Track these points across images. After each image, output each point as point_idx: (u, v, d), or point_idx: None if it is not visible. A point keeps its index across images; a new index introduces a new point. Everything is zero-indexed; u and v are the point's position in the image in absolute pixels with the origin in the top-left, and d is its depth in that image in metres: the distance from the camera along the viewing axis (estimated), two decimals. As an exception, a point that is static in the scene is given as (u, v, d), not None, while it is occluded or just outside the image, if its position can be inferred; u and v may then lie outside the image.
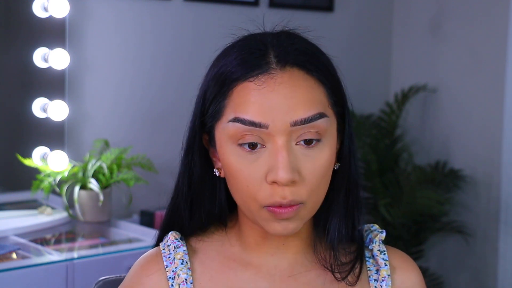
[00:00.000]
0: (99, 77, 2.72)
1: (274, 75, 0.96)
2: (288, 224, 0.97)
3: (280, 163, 0.94)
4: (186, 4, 2.91)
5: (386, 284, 1.06)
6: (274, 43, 0.99)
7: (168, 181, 3.15)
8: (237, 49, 1.01)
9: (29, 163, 2.47)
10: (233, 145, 0.97)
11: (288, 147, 0.95)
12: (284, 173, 0.93)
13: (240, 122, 0.95)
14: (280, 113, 0.94)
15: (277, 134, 0.94)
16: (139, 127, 2.83)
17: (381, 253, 1.08)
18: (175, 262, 1.04)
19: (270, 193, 0.95)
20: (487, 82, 3.28)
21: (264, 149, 0.95)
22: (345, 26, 3.45)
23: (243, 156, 0.96)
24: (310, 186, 0.96)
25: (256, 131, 0.95)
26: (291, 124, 0.94)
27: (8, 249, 2.07)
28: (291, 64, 0.97)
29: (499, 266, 3.22)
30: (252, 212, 0.98)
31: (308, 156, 0.96)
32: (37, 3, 2.50)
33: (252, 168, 0.95)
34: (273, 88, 0.95)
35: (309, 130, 0.95)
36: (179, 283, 1.02)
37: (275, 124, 0.94)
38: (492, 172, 3.25)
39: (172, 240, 1.06)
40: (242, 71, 0.97)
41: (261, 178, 0.95)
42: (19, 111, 2.60)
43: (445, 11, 3.43)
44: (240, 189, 0.97)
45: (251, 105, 0.95)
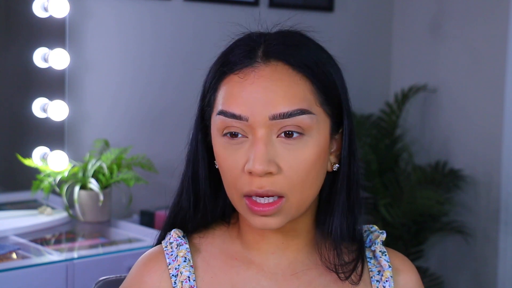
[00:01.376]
0: (99, 77, 2.72)
1: (256, 68, 0.97)
2: (267, 219, 0.97)
3: (255, 154, 0.95)
4: (186, 4, 2.91)
5: (389, 285, 1.06)
6: (268, 39, 1.01)
7: (168, 181, 3.14)
8: (233, 46, 1.03)
9: (29, 163, 2.47)
10: (220, 137, 0.99)
11: (266, 139, 0.96)
12: (258, 164, 0.94)
13: (224, 115, 0.98)
14: (259, 106, 0.96)
15: (257, 127, 0.96)
16: (139, 127, 2.83)
17: (383, 254, 1.08)
18: (177, 260, 1.04)
19: (248, 182, 0.96)
20: (487, 82, 3.28)
21: (246, 140, 0.97)
22: (345, 26, 3.45)
23: (227, 146, 0.98)
24: (290, 179, 0.96)
25: (238, 123, 0.97)
26: (270, 117, 0.95)
27: (8, 249, 2.07)
28: (275, 58, 0.98)
29: (499, 266, 3.22)
30: (235, 202, 1.00)
31: (289, 150, 0.96)
32: (37, 3, 2.50)
33: (234, 157, 0.97)
34: (253, 81, 0.97)
35: (289, 124, 0.96)
36: (182, 281, 1.02)
37: (255, 117, 0.96)
38: (492, 172, 3.25)
39: (175, 238, 1.06)
40: (230, 64, 1.00)
41: (241, 167, 0.97)
42: (19, 111, 2.60)
43: (445, 11, 3.43)
44: (225, 178, 1.00)
45: (233, 98, 0.97)
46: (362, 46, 3.53)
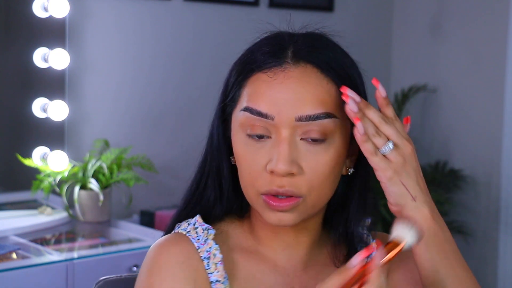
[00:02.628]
0: (99, 77, 2.72)
1: (286, 69, 0.98)
2: (283, 215, 0.99)
3: (279, 154, 0.96)
4: (186, 4, 2.91)
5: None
6: (297, 40, 1.01)
7: (168, 181, 3.16)
8: (262, 42, 1.03)
9: (29, 163, 2.47)
10: (243, 134, 0.99)
11: (290, 140, 0.96)
12: (281, 164, 0.95)
13: (249, 112, 0.98)
14: (286, 107, 0.96)
15: (282, 127, 0.96)
16: (139, 127, 2.83)
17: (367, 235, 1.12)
18: (208, 243, 1.03)
19: (268, 181, 0.97)
20: (487, 82, 3.28)
21: (269, 139, 0.98)
22: (345, 26, 3.44)
23: (250, 144, 0.99)
24: (310, 181, 0.97)
25: (263, 122, 0.97)
26: (296, 118, 0.96)
27: (8, 249, 2.07)
28: (305, 60, 0.99)
29: (499, 266, 3.22)
30: (251, 199, 1.01)
31: (311, 152, 0.97)
32: (37, 3, 2.50)
33: (255, 156, 0.98)
34: (282, 81, 0.97)
35: (314, 128, 0.97)
36: (216, 263, 1.02)
37: (281, 117, 0.96)
38: (492, 172, 3.25)
39: (200, 223, 1.05)
40: (258, 62, 1.00)
41: (262, 166, 0.98)
42: (19, 111, 2.60)
43: (445, 11, 3.43)
44: (243, 175, 1.00)
45: (260, 96, 0.98)
46: (362, 46, 3.53)
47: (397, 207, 1.00)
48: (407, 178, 0.98)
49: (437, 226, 1.01)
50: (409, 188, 0.99)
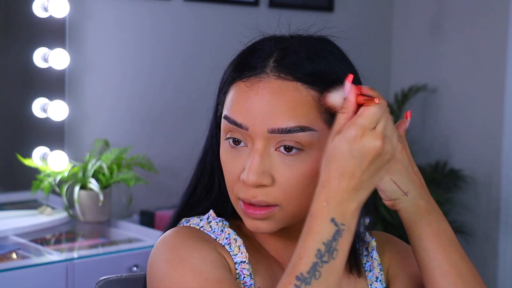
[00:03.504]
0: (99, 77, 2.72)
1: (263, 79, 0.97)
2: (259, 223, 0.99)
3: (250, 165, 0.96)
4: (186, 4, 2.91)
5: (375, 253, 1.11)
6: (283, 47, 1.00)
7: (168, 181, 3.16)
8: (249, 49, 1.03)
9: (29, 163, 2.47)
10: (225, 140, 1.01)
11: (263, 151, 0.97)
12: (251, 175, 0.96)
13: (227, 120, 0.99)
14: (259, 118, 0.96)
15: (256, 137, 0.97)
16: (139, 127, 2.83)
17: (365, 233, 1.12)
18: (225, 231, 1.04)
19: (243, 189, 0.98)
20: (487, 82, 3.28)
21: (246, 148, 0.99)
22: (345, 26, 3.44)
23: (229, 150, 1.00)
24: (285, 191, 0.97)
25: (239, 131, 0.98)
26: (269, 131, 0.96)
27: (8, 249, 2.07)
28: (285, 72, 0.97)
29: (499, 266, 3.22)
30: (233, 202, 1.02)
31: (286, 164, 0.97)
32: (37, 3, 2.50)
33: (233, 163, 0.99)
34: (257, 92, 0.97)
35: (287, 140, 0.96)
36: (239, 246, 1.02)
37: (254, 128, 0.96)
38: (492, 172, 3.25)
39: (214, 217, 1.06)
40: (240, 71, 1.00)
41: (238, 173, 0.99)
42: (19, 111, 2.60)
43: (445, 11, 3.43)
44: (226, 179, 1.02)
45: (237, 105, 0.98)
46: (362, 46, 3.53)
47: (390, 202, 1.04)
48: (397, 175, 1.01)
49: (431, 217, 1.03)
50: (400, 185, 1.02)
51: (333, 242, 0.88)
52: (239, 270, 1.01)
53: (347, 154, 0.88)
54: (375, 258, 1.11)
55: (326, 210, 0.88)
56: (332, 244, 0.88)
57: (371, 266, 1.10)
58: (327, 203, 0.88)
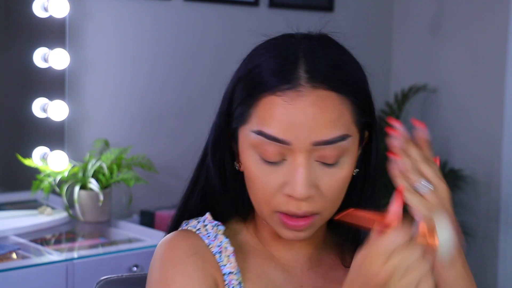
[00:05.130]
0: (99, 77, 2.72)
1: (302, 93, 0.95)
2: (298, 233, 0.99)
3: (298, 179, 0.95)
4: (186, 4, 2.91)
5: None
6: (307, 54, 0.98)
7: (168, 181, 3.15)
8: (269, 54, 0.99)
9: (29, 163, 2.47)
10: (255, 155, 0.98)
11: (307, 164, 0.96)
12: (301, 189, 0.95)
13: (264, 136, 0.96)
14: (303, 132, 0.95)
15: (298, 151, 0.95)
16: (139, 127, 2.83)
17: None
18: (218, 238, 1.03)
19: (284, 202, 0.97)
20: (487, 82, 3.28)
21: (284, 162, 0.97)
22: (345, 26, 3.44)
23: (261, 165, 0.98)
24: (327, 198, 0.98)
25: (277, 146, 0.96)
26: (313, 143, 0.95)
27: (8, 249, 2.07)
28: (320, 82, 0.96)
29: (499, 266, 3.22)
30: (264, 215, 1.01)
31: (327, 173, 0.97)
32: (37, 3, 2.50)
33: (269, 177, 0.97)
34: (299, 106, 0.95)
35: (330, 150, 0.96)
36: (228, 255, 1.02)
37: (298, 142, 0.95)
38: (492, 172, 3.25)
39: (210, 220, 1.05)
40: (271, 83, 0.96)
41: (278, 187, 0.97)
42: (19, 111, 2.60)
43: (445, 11, 3.43)
44: (256, 193, 1.00)
45: (276, 121, 0.95)
46: (362, 46, 3.51)
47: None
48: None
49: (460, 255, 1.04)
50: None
51: None
52: (227, 281, 1.01)
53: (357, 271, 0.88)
54: None
55: None
56: None
57: None
58: None
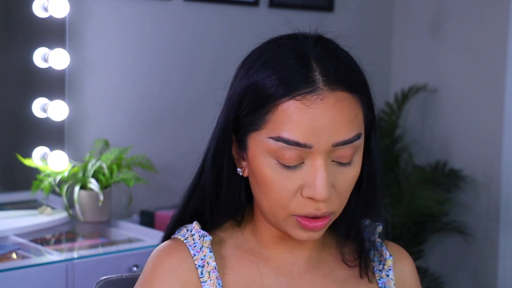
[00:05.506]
0: (99, 77, 2.72)
1: (322, 96, 0.96)
2: (314, 233, 1.00)
3: (319, 181, 0.96)
4: (186, 4, 2.91)
5: (392, 273, 1.11)
6: (316, 56, 0.98)
7: (168, 181, 3.16)
8: (277, 60, 0.98)
9: (29, 163, 2.47)
10: (272, 159, 0.97)
11: (326, 165, 0.97)
12: (323, 191, 0.96)
13: (284, 142, 0.95)
14: (325, 135, 0.95)
15: (318, 153, 0.96)
16: (139, 127, 2.83)
17: (382, 245, 1.12)
18: (203, 251, 1.04)
19: (303, 205, 0.97)
20: (487, 82, 3.28)
21: (302, 165, 0.97)
22: (345, 26, 3.44)
23: (279, 169, 0.97)
24: (342, 197, 1.00)
25: (298, 150, 0.96)
26: (333, 145, 0.96)
27: (8, 249, 2.07)
28: (337, 84, 0.97)
29: (499, 266, 3.22)
30: (277, 219, 1.01)
31: (342, 172, 0.99)
32: (37, 3, 2.50)
33: (287, 181, 0.97)
34: (321, 109, 0.95)
35: (347, 149, 0.98)
36: (209, 271, 1.02)
37: (319, 145, 0.96)
38: (492, 172, 3.25)
39: (197, 230, 1.05)
40: (288, 89, 0.96)
41: (295, 191, 0.97)
42: (19, 111, 2.60)
43: (445, 11, 3.43)
44: (271, 197, 0.99)
45: (297, 126, 0.95)
46: (362, 46, 3.51)
47: None
48: None
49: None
50: None
51: None
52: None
53: None
54: (391, 277, 1.11)
55: None
56: None
57: (385, 283, 1.10)
58: None
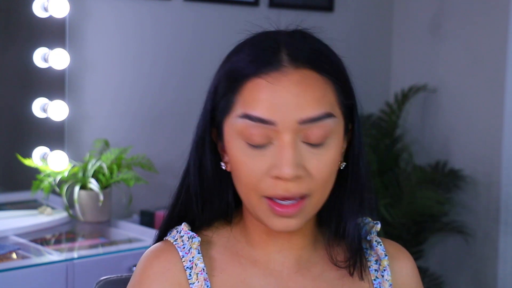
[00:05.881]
0: (99, 77, 2.72)
1: (286, 73, 0.97)
2: (288, 221, 0.98)
3: (284, 159, 0.95)
4: (186, 4, 2.91)
5: (387, 273, 1.08)
6: (287, 41, 1.00)
7: (168, 181, 3.15)
8: (249, 46, 1.02)
9: (29, 163, 2.47)
10: (241, 141, 0.98)
11: (294, 144, 0.96)
12: (288, 169, 0.95)
13: (249, 119, 0.97)
14: (288, 111, 0.95)
15: (284, 131, 0.96)
16: (139, 127, 2.83)
17: (378, 244, 1.10)
18: (191, 252, 1.03)
19: (272, 185, 0.97)
20: (487, 82, 3.28)
21: (270, 145, 0.97)
22: (345, 26, 3.45)
23: (247, 150, 0.98)
24: (316, 181, 0.98)
25: (263, 128, 0.96)
26: (299, 122, 0.96)
27: (8, 249, 2.07)
28: (302, 62, 0.98)
29: (499, 266, 3.22)
30: (252, 205, 1.00)
31: (314, 154, 0.97)
32: (37, 3, 2.50)
33: (256, 161, 0.97)
34: (284, 85, 0.96)
35: (316, 129, 0.96)
36: (197, 273, 1.02)
37: (283, 122, 0.96)
38: (492, 172, 3.25)
39: (186, 231, 1.05)
40: (253, 67, 0.98)
41: (265, 171, 0.97)
42: (19, 111, 2.60)
43: (445, 11, 3.43)
44: (243, 181, 0.99)
45: (260, 102, 0.96)
46: (362, 46, 3.53)
47: None
48: None
49: None
50: None
51: None
52: None
53: None
54: (387, 278, 1.09)
55: None
56: None
57: (380, 283, 1.09)
58: None
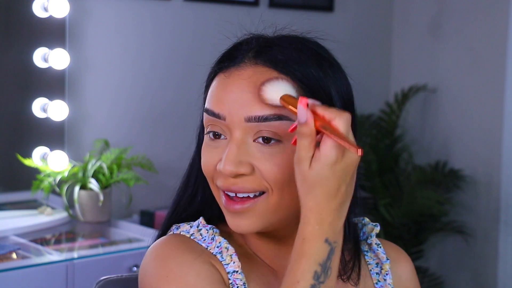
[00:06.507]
0: (99, 77, 2.72)
1: (241, 68, 0.97)
2: (240, 221, 0.97)
3: (226, 155, 0.95)
4: (186, 4, 2.91)
5: (389, 277, 1.08)
6: (265, 42, 0.99)
7: (168, 181, 3.15)
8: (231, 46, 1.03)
9: (29, 163, 2.47)
10: (206, 135, 1.00)
11: (240, 141, 0.95)
12: (227, 165, 0.94)
13: (207, 113, 0.98)
14: (235, 107, 0.95)
15: (233, 127, 0.95)
16: (139, 127, 2.83)
17: (378, 247, 1.09)
18: (216, 240, 1.00)
19: (222, 178, 0.97)
20: (487, 82, 3.28)
21: (225, 140, 0.97)
22: (345, 26, 3.44)
23: (208, 143, 0.99)
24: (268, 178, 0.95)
25: (218, 122, 0.97)
26: (246, 119, 0.94)
27: (8, 249, 2.07)
28: (264, 60, 0.96)
29: (499, 266, 3.22)
30: (217, 198, 1.00)
31: (265, 154, 0.95)
32: (37, 3, 2.50)
33: (211, 154, 0.98)
34: (235, 79, 0.96)
35: (265, 129, 0.94)
36: (231, 254, 0.99)
37: (232, 117, 0.95)
38: (492, 172, 3.25)
39: (204, 224, 1.03)
40: (220, 64, 1.00)
41: (215, 165, 0.97)
42: (19, 111, 2.60)
43: (445, 11, 3.43)
44: (204, 171, 1.00)
45: (214, 97, 0.98)
46: (362, 46, 3.53)
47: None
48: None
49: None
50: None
51: (327, 261, 0.88)
52: (232, 280, 0.98)
53: (330, 176, 0.86)
54: (389, 282, 1.08)
55: (319, 232, 0.87)
56: (327, 263, 0.88)
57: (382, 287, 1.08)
58: (319, 226, 0.87)
